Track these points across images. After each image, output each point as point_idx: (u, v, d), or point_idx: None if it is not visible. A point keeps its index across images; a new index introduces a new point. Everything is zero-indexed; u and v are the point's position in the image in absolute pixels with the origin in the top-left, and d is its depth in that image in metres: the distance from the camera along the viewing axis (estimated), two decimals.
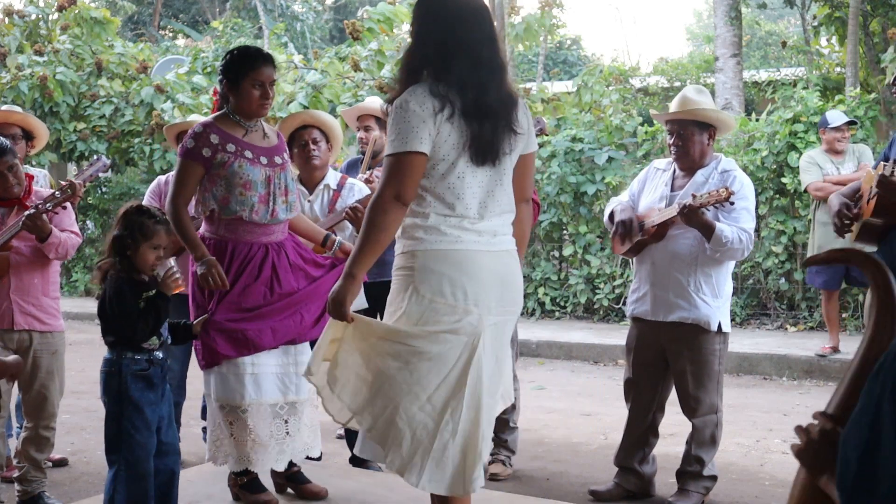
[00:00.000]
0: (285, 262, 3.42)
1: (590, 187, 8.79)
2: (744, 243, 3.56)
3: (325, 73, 9.92)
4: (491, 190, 2.61)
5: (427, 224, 2.56)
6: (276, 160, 3.44)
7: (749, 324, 8.26)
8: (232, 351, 3.31)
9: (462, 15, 2.61)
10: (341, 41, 18.22)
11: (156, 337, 3.04)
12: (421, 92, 2.53)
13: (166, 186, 4.47)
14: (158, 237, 3.01)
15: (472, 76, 2.56)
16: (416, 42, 2.65)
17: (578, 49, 21.90)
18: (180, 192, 3.33)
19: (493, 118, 2.58)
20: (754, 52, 18.95)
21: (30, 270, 3.74)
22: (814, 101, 8.01)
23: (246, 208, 3.32)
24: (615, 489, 3.84)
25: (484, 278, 2.57)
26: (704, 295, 3.63)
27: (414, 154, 2.50)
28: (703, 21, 32.21)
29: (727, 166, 3.73)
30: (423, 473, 2.57)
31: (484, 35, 2.63)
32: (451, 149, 2.55)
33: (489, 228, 2.61)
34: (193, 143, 3.33)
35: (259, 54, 3.43)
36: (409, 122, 2.50)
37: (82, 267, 12.81)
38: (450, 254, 2.55)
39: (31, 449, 3.75)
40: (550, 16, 10.30)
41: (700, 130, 3.69)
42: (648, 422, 3.82)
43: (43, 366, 3.75)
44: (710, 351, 3.66)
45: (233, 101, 3.40)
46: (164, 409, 3.08)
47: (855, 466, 1.20)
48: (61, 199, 3.69)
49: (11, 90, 11.31)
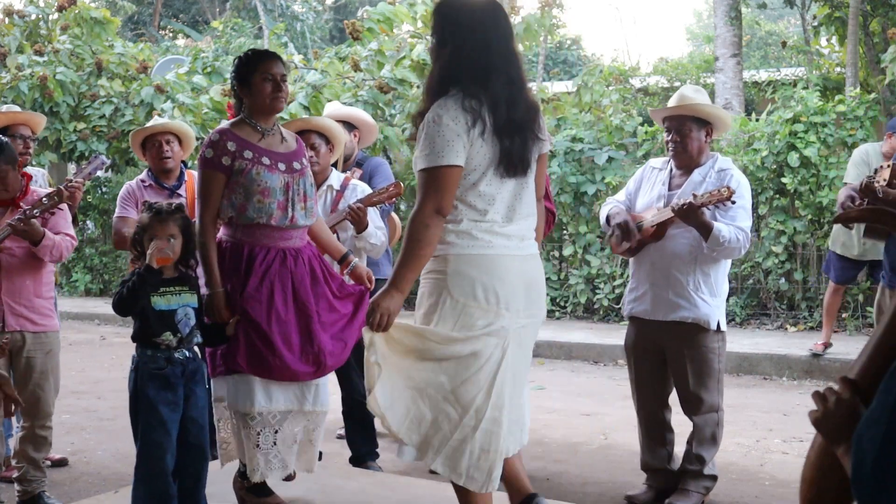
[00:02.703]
0: (302, 269, 3.35)
1: (590, 187, 8.79)
2: (741, 242, 3.57)
3: (325, 73, 9.91)
4: (518, 194, 2.69)
5: (459, 229, 2.62)
6: (295, 165, 3.38)
7: (749, 324, 8.26)
8: (250, 369, 3.24)
9: (497, 32, 2.67)
10: (341, 41, 18.23)
11: (170, 333, 3.04)
12: (453, 106, 2.58)
13: (139, 191, 4.40)
14: (163, 230, 3.08)
15: (504, 92, 2.63)
16: (451, 55, 2.66)
17: (578, 49, 21.90)
18: (207, 207, 3.27)
19: (521, 132, 2.65)
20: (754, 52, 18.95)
21: (21, 272, 3.72)
22: (814, 101, 8.01)
23: (264, 215, 3.26)
24: (649, 491, 3.83)
25: (513, 282, 2.65)
26: (704, 294, 3.64)
27: (452, 168, 2.56)
28: (703, 21, 32.20)
29: (724, 165, 3.73)
30: (437, 456, 2.65)
31: (512, 50, 2.70)
32: (482, 160, 2.61)
33: (517, 232, 2.69)
34: (212, 153, 3.26)
35: (266, 51, 3.50)
36: (444, 135, 2.55)
37: (82, 267, 12.82)
38: (481, 259, 2.62)
39: (28, 448, 3.75)
40: (550, 16, 10.28)
41: (698, 127, 3.69)
42: (660, 419, 3.83)
43: (37, 366, 3.74)
44: (710, 349, 3.67)
45: (247, 102, 3.36)
46: (194, 412, 3.09)
47: (871, 465, 1.19)
48: (48, 206, 3.66)
49: (11, 90, 11.30)
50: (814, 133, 7.78)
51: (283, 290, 3.29)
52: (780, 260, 8.01)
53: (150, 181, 4.41)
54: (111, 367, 7.45)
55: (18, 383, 3.72)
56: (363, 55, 9.70)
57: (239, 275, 3.28)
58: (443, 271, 2.62)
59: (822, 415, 1.38)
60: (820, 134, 7.84)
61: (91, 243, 12.98)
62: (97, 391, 6.49)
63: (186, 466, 3.08)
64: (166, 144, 4.36)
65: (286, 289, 3.30)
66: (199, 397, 3.13)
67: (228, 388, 3.30)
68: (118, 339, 9.09)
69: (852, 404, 1.34)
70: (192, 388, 3.09)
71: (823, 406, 1.38)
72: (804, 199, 7.82)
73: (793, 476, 4.21)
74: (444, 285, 2.62)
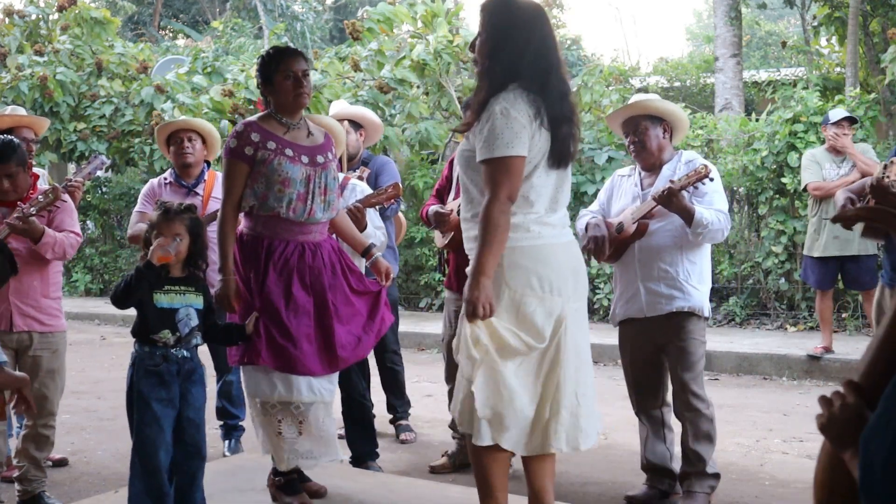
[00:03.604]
0: (320, 263, 3.40)
1: (590, 187, 8.79)
2: (722, 223, 3.64)
3: (325, 74, 9.92)
4: (559, 186, 2.86)
5: (514, 222, 2.74)
6: (319, 159, 3.44)
7: (749, 324, 8.26)
8: (272, 363, 3.29)
9: (551, 31, 2.87)
10: (341, 41, 18.23)
11: (168, 331, 3.06)
12: (516, 98, 2.73)
13: (160, 189, 4.48)
14: (169, 229, 3.11)
15: (560, 87, 2.81)
16: (512, 52, 2.79)
17: (578, 49, 21.88)
18: (229, 195, 3.35)
19: (568, 125, 2.81)
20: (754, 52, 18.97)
21: (29, 272, 3.71)
22: (814, 101, 8.01)
23: (283, 205, 3.31)
24: (650, 491, 3.83)
25: (562, 269, 2.81)
26: (693, 282, 3.70)
27: (519, 158, 2.70)
28: (703, 21, 32.21)
29: (690, 157, 3.82)
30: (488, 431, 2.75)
31: (558, 50, 2.88)
32: (537, 153, 2.75)
33: (558, 221, 2.86)
34: (236, 143, 3.34)
35: (287, 48, 3.53)
36: (512, 127, 2.68)
37: (83, 267, 12.82)
38: (533, 249, 2.77)
39: (30, 447, 3.75)
40: (550, 16, 10.30)
41: (654, 125, 3.78)
42: (660, 418, 3.83)
43: (43, 365, 3.75)
44: (698, 337, 3.71)
45: (272, 99, 3.43)
46: (189, 411, 3.10)
47: (880, 471, 1.18)
48: (45, 203, 3.68)
49: (11, 90, 11.31)
50: (814, 133, 7.78)
51: (301, 284, 3.35)
52: (780, 260, 8.01)
53: (171, 179, 4.55)
54: (111, 367, 7.45)
55: None
56: (363, 55, 9.70)
57: (259, 267, 3.34)
58: (500, 264, 2.73)
59: (828, 420, 1.36)
60: (820, 134, 7.83)
61: (91, 243, 12.97)
62: (97, 391, 6.50)
63: (181, 465, 3.10)
64: (188, 142, 4.49)
65: (304, 282, 3.36)
66: (196, 397, 3.13)
67: (247, 377, 3.36)
68: (118, 339, 9.09)
69: (858, 409, 1.32)
70: (187, 388, 3.10)
71: (828, 411, 1.37)
72: (804, 199, 7.81)
73: (793, 476, 4.21)
74: (501, 278, 2.73)
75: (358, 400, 4.21)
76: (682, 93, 13.70)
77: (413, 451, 4.77)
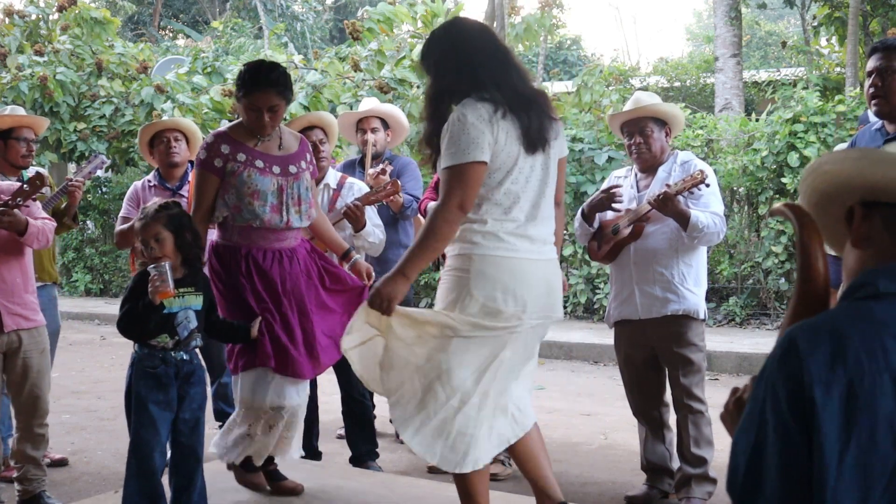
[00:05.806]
0: (297, 269, 3.41)
1: (590, 187, 8.78)
2: (718, 226, 3.63)
3: (325, 74, 9.91)
4: (541, 193, 2.75)
5: (485, 230, 2.68)
6: (291, 169, 3.41)
7: (749, 324, 8.26)
8: (279, 368, 3.31)
9: (502, 44, 2.81)
10: (341, 41, 18.24)
11: (167, 335, 3.04)
12: (470, 102, 2.65)
13: (143, 192, 4.44)
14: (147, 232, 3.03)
15: (502, 76, 2.71)
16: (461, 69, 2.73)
17: (578, 49, 21.92)
18: (199, 206, 3.35)
19: (535, 107, 2.72)
20: (754, 52, 18.98)
21: (11, 269, 3.66)
22: (814, 102, 8.01)
23: (256, 218, 3.31)
24: (650, 491, 3.83)
25: (534, 285, 2.71)
26: (689, 285, 3.69)
27: (476, 164, 2.61)
28: (703, 21, 32.22)
29: (685, 158, 3.81)
30: (416, 436, 2.71)
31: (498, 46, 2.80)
32: (507, 157, 2.66)
33: (539, 235, 2.75)
34: (206, 154, 3.34)
35: (263, 79, 3.32)
36: (468, 133, 2.61)
37: (82, 267, 12.82)
38: (506, 261, 2.68)
39: (27, 447, 3.72)
40: (550, 16, 10.29)
41: (658, 128, 3.77)
42: (659, 419, 3.83)
43: (34, 366, 3.71)
44: (697, 341, 3.70)
45: (240, 114, 3.43)
46: (186, 413, 3.09)
47: (743, 471, 1.18)
48: (30, 192, 3.59)
49: (11, 90, 11.31)
50: (814, 133, 7.79)
51: (283, 289, 3.36)
52: (780, 260, 8.01)
53: (155, 182, 4.47)
54: (111, 367, 7.46)
55: (15, 385, 3.70)
56: (363, 55, 9.70)
57: (241, 275, 3.33)
58: (466, 270, 2.67)
59: (725, 411, 1.36)
60: (820, 134, 7.85)
61: (91, 243, 12.98)
62: (97, 391, 6.50)
63: (178, 466, 3.10)
64: (174, 142, 4.42)
65: (286, 287, 3.37)
66: (194, 399, 3.12)
67: (246, 383, 3.35)
68: (118, 339, 9.07)
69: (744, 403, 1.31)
70: (186, 390, 3.08)
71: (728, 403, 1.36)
72: None
73: None
74: (466, 284, 2.67)
75: (358, 399, 4.21)
76: (682, 93, 13.71)
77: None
